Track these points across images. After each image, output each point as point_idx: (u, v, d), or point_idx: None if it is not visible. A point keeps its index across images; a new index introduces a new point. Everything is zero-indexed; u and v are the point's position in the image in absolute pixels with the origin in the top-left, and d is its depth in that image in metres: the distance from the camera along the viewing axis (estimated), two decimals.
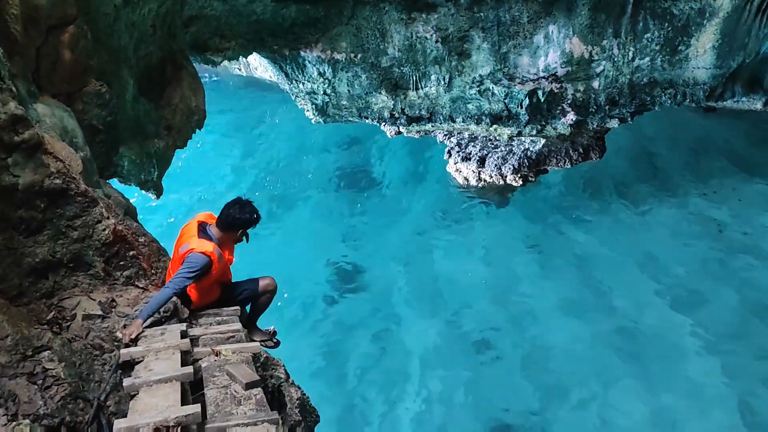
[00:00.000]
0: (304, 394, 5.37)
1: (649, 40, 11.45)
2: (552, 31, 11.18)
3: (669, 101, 12.31)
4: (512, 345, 12.06)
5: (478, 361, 11.81)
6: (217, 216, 5.21)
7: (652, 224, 14.74)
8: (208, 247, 4.92)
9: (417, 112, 12.31)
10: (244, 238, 5.30)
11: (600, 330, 12.15)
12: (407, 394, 11.26)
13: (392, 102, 12.11)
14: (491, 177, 15.05)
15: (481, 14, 10.79)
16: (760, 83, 12.63)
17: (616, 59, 11.61)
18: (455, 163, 15.77)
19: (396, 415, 10.85)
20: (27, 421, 3.30)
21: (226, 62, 11.14)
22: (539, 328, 12.35)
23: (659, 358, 11.51)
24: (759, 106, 12.84)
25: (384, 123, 12.91)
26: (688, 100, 12.34)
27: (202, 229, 5.07)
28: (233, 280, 5.65)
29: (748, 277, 13.02)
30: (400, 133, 13.55)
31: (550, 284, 13.37)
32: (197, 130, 9.13)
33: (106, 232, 4.75)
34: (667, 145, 17.37)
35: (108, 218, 4.77)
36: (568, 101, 12.02)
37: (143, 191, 8.24)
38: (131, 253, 5.03)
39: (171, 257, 5.31)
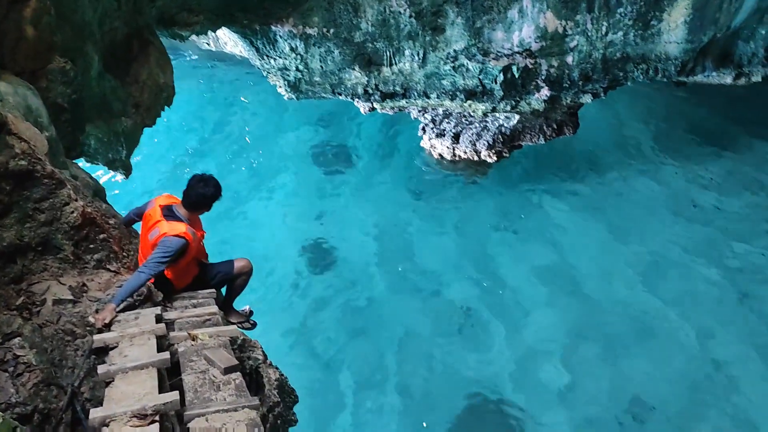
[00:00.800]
0: (282, 375, 5.34)
1: (622, 14, 11.44)
2: (526, 6, 11.10)
3: (641, 76, 12.37)
4: (488, 318, 12.17)
5: (455, 335, 11.89)
6: (176, 197, 5.14)
7: (626, 198, 14.93)
8: (181, 228, 4.84)
9: (391, 88, 12.18)
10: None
11: (572, 304, 12.31)
12: (385, 369, 11.32)
13: (366, 78, 11.97)
14: (465, 153, 15.03)
15: None
16: (731, 58, 12.75)
17: (589, 34, 11.59)
18: (429, 140, 15.70)
19: (374, 392, 10.90)
20: (0, 413, 3.18)
21: (194, 36, 10.85)
22: (514, 303, 12.48)
23: (629, 330, 11.73)
24: (729, 80, 12.97)
25: (358, 99, 12.77)
26: (660, 75, 12.41)
27: (168, 212, 4.97)
28: (209, 263, 5.58)
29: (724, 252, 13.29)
30: (374, 109, 13.42)
31: (525, 258, 13.50)
32: (166, 107, 8.93)
33: (75, 214, 4.62)
34: (639, 119, 17.55)
35: (76, 200, 4.64)
36: (543, 77, 12.00)
37: (111, 170, 8.04)
38: (101, 236, 4.91)
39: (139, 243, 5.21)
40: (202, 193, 5.01)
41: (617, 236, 13.80)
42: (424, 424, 10.40)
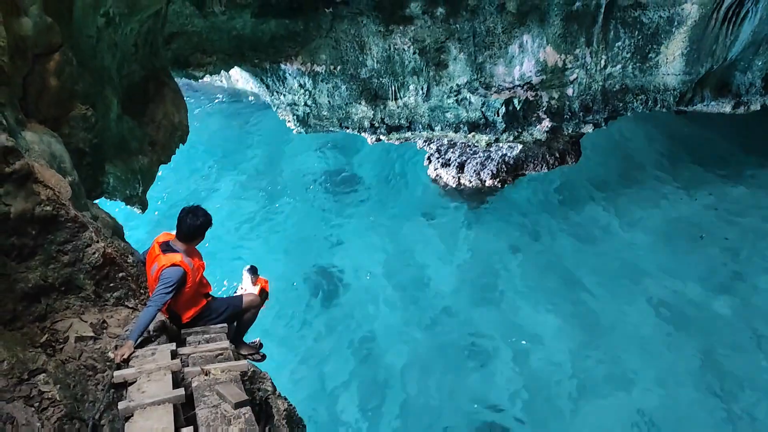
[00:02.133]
0: (291, 405, 5.56)
1: (620, 48, 11.79)
2: (526, 41, 11.47)
3: (641, 107, 12.67)
4: (493, 346, 12.31)
5: (461, 362, 12.03)
6: (172, 233, 5.41)
7: (630, 227, 15.08)
8: (176, 257, 5.11)
9: (396, 121, 12.54)
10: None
11: (578, 332, 12.44)
12: (390, 397, 11.46)
13: (372, 112, 12.33)
14: (470, 182, 15.33)
15: (457, 26, 11.05)
16: (729, 88, 13.03)
17: (588, 67, 11.93)
18: (435, 169, 16.03)
19: (379, 419, 11.04)
20: None
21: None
22: (520, 328, 12.62)
23: (640, 361, 11.80)
24: (728, 109, 13.23)
25: (364, 132, 13.13)
26: (659, 106, 12.71)
27: (166, 247, 5.26)
28: (218, 297, 5.83)
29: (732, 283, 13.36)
30: (380, 140, 13.78)
31: (530, 284, 13.65)
32: (180, 145, 9.28)
33: (96, 255, 4.90)
34: (641, 147, 17.75)
35: (97, 242, 4.93)
36: (544, 108, 12.32)
37: (128, 206, 8.37)
38: (120, 274, 5.18)
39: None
40: (192, 224, 5.27)
41: (623, 264, 13.93)
42: None
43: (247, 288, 6.86)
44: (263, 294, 12.46)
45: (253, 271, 12.38)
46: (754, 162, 16.78)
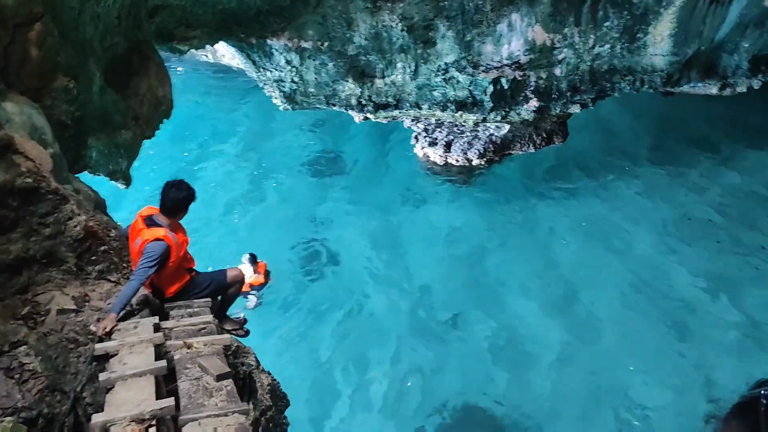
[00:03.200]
0: (275, 380, 5.58)
1: (609, 28, 11.78)
2: (515, 20, 11.42)
3: (628, 87, 12.69)
4: (479, 321, 12.41)
5: (447, 338, 12.13)
6: (157, 207, 5.38)
7: (616, 207, 15.20)
8: (160, 232, 5.10)
9: (384, 99, 12.48)
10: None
11: (563, 308, 12.56)
12: (376, 373, 11.54)
13: (359, 89, 12.26)
14: (457, 161, 15.33)
15: (446, 3, 10.96)
16: (715, 69, 13.09)
17: (577, 47, 11.91)
18: (422, 148, 16.01)
19: (365, 395, 11.13)
20: (10, 417, 3.43)
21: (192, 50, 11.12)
22: (505, 305, 12.72)
23: (618, 335, 11.97)
24: (714, 91, 13.33)
25: (351, 110, 13.06)
26: (646, 86, 12.74)
27: (149, 221, 5.24)
28: (202, 272, 5.82)
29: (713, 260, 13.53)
30: (367, 119, 13.72)
31: (516, 261, 13.75)
32: (165, 120, 9.19)
33: (78, 228, 4.86)
34: (628, 128, 17.84)
35: (79, 215, 4.89)
36: (531, 88, 12.31)
37: (112, 181, 8.29)
38: (102, 247, 5.15)
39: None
40: (176, 198, 5.26)
41: (606, 243, 14.05)
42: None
43: (248, 275, 6.88)
44: (267, 276, 12.46)
45: (253, 258, 12.41)
46: (740, 144, 16.92)
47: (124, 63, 8.36)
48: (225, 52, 15.63)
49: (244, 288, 10.93)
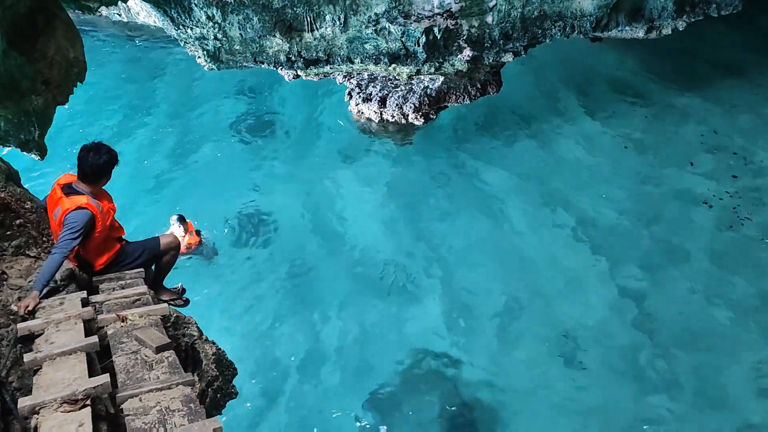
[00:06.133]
0: (220, 349, 5.33)
1: None
2: None
3: (559, 33, 12.67)
4: (422, 282, 12.39)
5: (388, 301, 12.04)
6: (74, 174, 4.96)
7: (553, 153, 15.38)
8: (82, 200, 4.71)
9: (314, 54, 12.03)
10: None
11: (505, 263, 12.67)
12: (324, 335, 11.39)
13: (287, 45, 11.76)
14: (393, 117, 15.07)
15: None
16: (642, 12, 13.22)
17: None
18: (356, 105, 15.65)
19: (311, 361, 10.97)
20: None
21: (103, 8, 10.35)
22: (447, 265, 12.73)
23: (563, 288, 12.17)
24: (641, 34, 13.47)
25: (281, 67, 12.56)
26: (576, 32, 12.76)
27: (69, 189, 4.81)
28: (133, 241, 5.45)
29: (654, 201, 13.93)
30: (298, 77, 13.24)
31: (456, 219, 13.75)
32: (79, 83, 8.52)
33: None
34: (560, 76, 18.01)
35: None
36: (464, 37, 12.11)
37: (25, 152, 7.66)
38: (18, 221, 4.74)
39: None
40: (94, 163, 4.83)
41: (548, 193, 14.22)
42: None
43: (180, 236, 6.50)
44: (198, 234, 12.09)
45: (182, 219, 11.94)
46: (666, 87, 17.36)
47: (28, 23, 7.65)
48: (140, 10, 14.64)
49: (182, 251, 10.53)
